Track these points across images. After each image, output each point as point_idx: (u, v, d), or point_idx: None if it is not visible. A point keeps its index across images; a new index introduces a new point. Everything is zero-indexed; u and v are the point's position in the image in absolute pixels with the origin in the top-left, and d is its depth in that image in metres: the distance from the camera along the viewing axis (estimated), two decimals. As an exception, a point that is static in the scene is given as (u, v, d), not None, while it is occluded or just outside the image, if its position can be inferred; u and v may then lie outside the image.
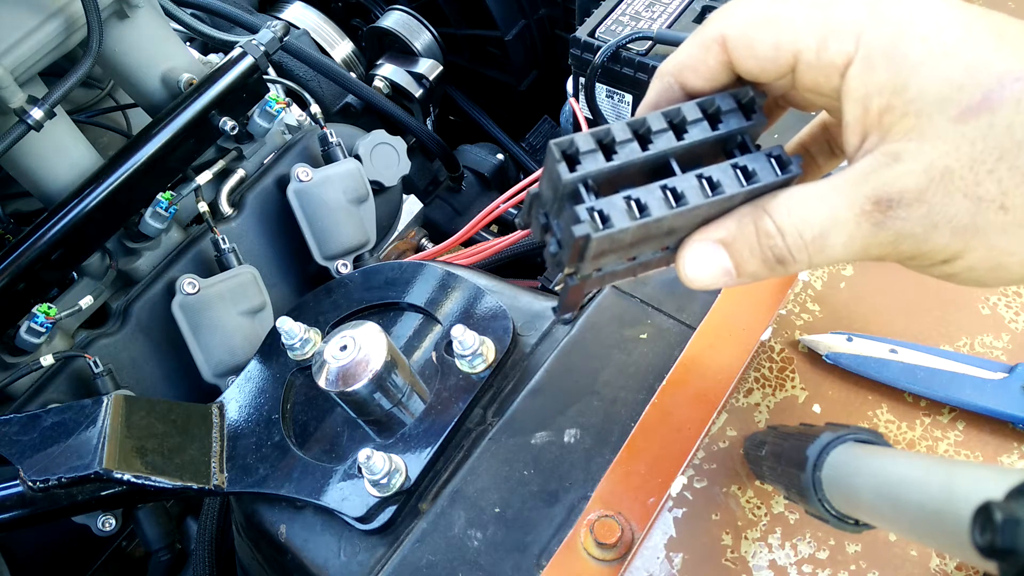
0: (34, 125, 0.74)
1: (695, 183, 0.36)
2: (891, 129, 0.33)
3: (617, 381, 0.59)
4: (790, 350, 0.58)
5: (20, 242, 0.77)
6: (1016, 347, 0.56)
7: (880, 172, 0.33)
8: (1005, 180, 0.31)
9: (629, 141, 0.36)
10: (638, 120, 0.36)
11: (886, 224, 0.33)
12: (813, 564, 0.49)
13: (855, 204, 0.33)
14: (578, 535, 0.50)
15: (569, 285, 0.40)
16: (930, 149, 0.32)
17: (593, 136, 0.35)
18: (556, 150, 0.35)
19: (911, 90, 0.32)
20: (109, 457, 0.56)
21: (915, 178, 0.32)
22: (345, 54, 1.30)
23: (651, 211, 0.35)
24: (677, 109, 0.37)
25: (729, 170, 0.36)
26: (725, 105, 0.37)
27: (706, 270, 0.37)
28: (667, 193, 0.35)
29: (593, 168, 0.35)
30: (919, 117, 0.32)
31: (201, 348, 0.84)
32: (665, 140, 0.36)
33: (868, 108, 0.33)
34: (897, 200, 0.32)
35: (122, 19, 0.85)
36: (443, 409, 0.60)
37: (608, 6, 0.97)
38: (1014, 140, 0.31)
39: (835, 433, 0.40)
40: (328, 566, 0.57)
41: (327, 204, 0.92)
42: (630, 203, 0.35)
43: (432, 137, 1.25)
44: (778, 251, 0.35)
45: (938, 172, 0.32)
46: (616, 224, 0.35)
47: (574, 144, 0.35)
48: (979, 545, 0.27)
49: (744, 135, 0.37)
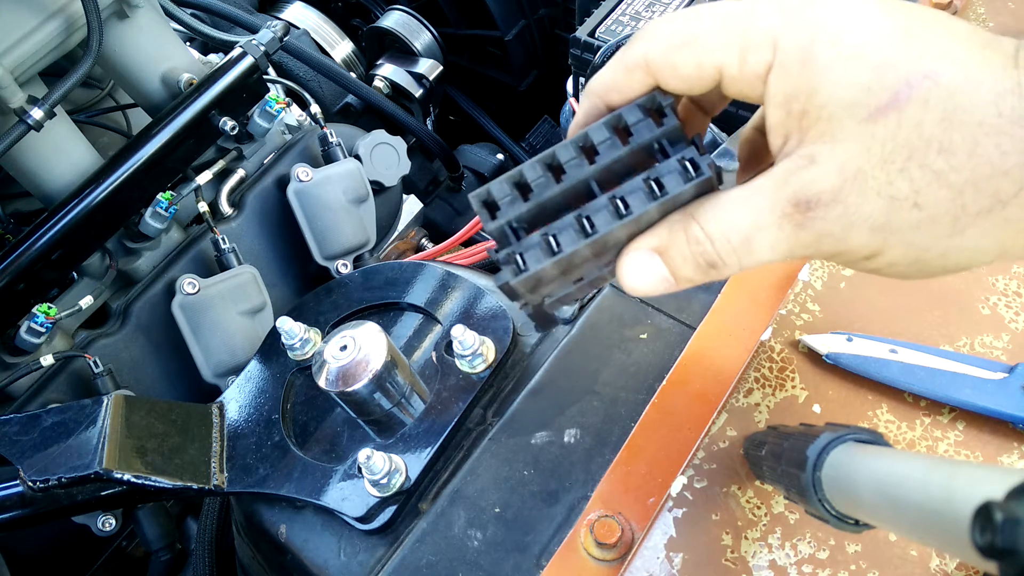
0: (34, 125, 0.74)
1: (608, 206, 0.36)
2: (808, 132, 0.33)
3: (617, 381, 0.59)
4: (790, 350, 0.58)
5: (20, 242, 0.77)
6: (1016, 347, 0.57)
7: (798, 174, 0.33)
8: (917, 179, 0.31)
9: (542, 177, 0.37)
10: (548, 154, 0.37)
11: (806, 225, 0.34)
12: (813, 564, 0.49)
13: (776, 207, 0.34)
14: (578, 535, 0.50)
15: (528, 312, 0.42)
16: (842, 151, 0.32)
17: (508, 181, 0.37)
18: (475, 203, 0.37)
19: (821, 95, 0.32)
20: (109, 457, 0.56)
21: (830, 179, 0.32)
22: (345, 54, 1.30)
23: (564, 247, 0.36)
24: (584, 134, 0.37)
25: (641, 186, 0.36)
26: (632, 117, 0.37)
27: (644, 278, 0.38)
28: (583, 222, 0.36)
29: (512, 213, 0.37)
30: (830, 121, 0.32)
31: (201, 348, 0.84)
32: (577, 168, 0.37)
33: (789, 112, 0.34)
34: (815, 201, 0.33)
35: (122, 19, 0.85)
36: (443, 409, 0.60)
37: (608, 6, 0.97)
38: (923, 139, 0.31)
39: (835, 433, 0.40)
40: (328, 566, 0.57)
41: (327, 204, 0.92)
42: (549, 239, 0.36)
43: (432, 137, 1.25)
44: (708, 256, 0.36)
45: (851, 173, 0.32)
46: (532, 267, 0.36)
47: (491, 193, 0.37)
48: (979, 545, 0.27)
49: (660, 141, 0.37)
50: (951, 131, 0.31)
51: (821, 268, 0.62)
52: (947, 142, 0.31)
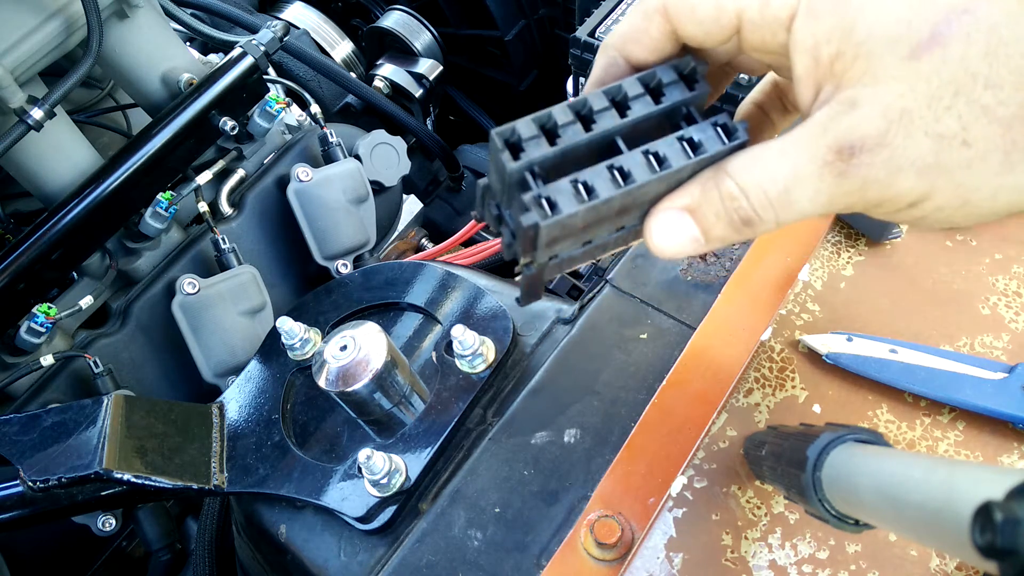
0: (34, 125, 0.74)
1: (642, 160, 0.35)
2: (844, 76, 0.32)
3: (617, 381, 0.59)
4: (790, 350, 0.58)
5: (20, 242, 0.77)
6: (1016, 347, 0.56)
7: (838, 120, 0.32)
8: (964, 115, 0.31)
9: (572, 123, 0.35)
10: (579, 101, 0.36)
11: (850, 172, 0.32)
12: (813, 564, 0.49)
13: (817, 156, 0.33)
14: (578, 535, 0.50)
15: (527, 275, 0.40)
16: (885, 91, 0.31)
17: (535, 121, 0.35)
18: (498, 139, 0.35)
19: (859, 32, 0.31)
20: (109, 457, 0.56)
21: (874, 122, 0.31)
22: (345, 54, 1.30)
23: (599, 193, 0.34)
24: (619, 86, 0.36)
25: (675, 144, 0.35)
26: (666, 77, 0.36)
27: (673, 238, 0.37)
28: (614, 172, 0.35)
29: (537, 154, 0.35)
30: (870, 59, 0.31)
31: (201, 348, 0.84)
32: (608, 119, 0.36)
33: (818, 58, 0.33)
34: (859, 146, 0.32)
35: (122, 19, 0.85)
36: (443, 409, 0.60)
37: (608, 6, 0.97)
38: (968, 73, 0.30)
39: (835, 433, 0.40)
40: (328, 566, 0.57)
41: (327, 204, 0.92)
42: (577, 186, 0.34)
43: (432, 137, 1.25)
44: (743, 212, 0.35)
45: (896, 113, 0.31)
46: (564, 209, 0.34)
47: (516, 131, 0.35)
48: (979, 545, 0.27)
49: (688, 106, 0.36)
50: (996, 65, 0.30)
51: (821, 268, 0.62)
52: (993, 76, 0.30)
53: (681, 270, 0.64)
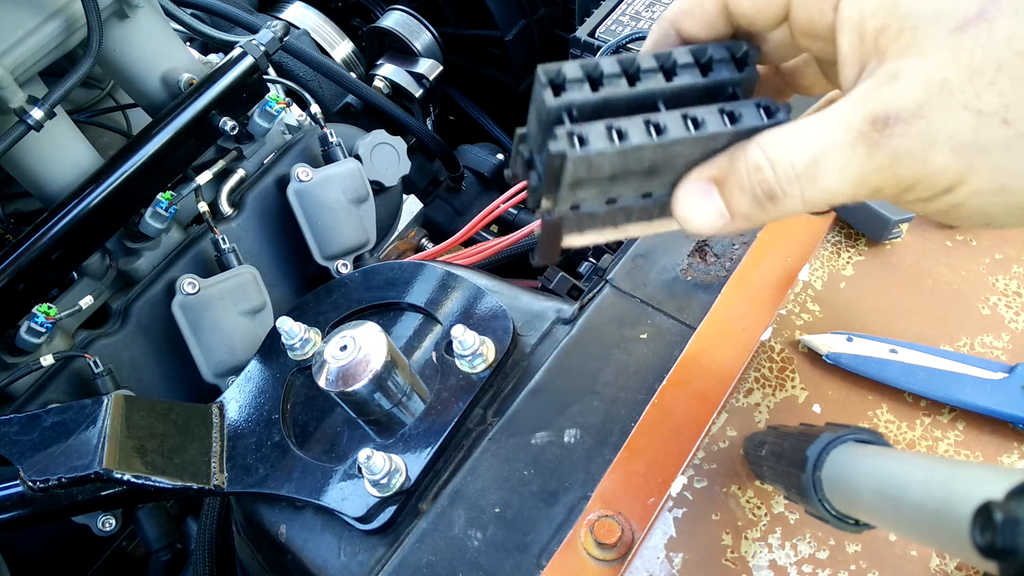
0: (34, 125, 0.74)
1: (679, 119, 0.35)
2: (888, 50, 0.32)
3: (617, 381, 0.59)
4: (790, 350, 0.58)
5: (20, 242, 0.77)
6: (1016, 347, 0.57)
7: (877, 92, 0.32)
8: (1007, 92, 0.30)
9: (618, 76, 0.35)
10: (628, 57, 0.36)
11: (882, 144, 0.32)
12: (813, 564, 0.49)
13: (851, 127, 0.32)
14: (578, 535, 0.50)
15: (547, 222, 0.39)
16: (927, 63, 0.31)
17: (582, 67, 0.35)
18: (543, 75, 0.35)
19: (905, 5, 0.31)
20: (109, 457, 0.56)
21: (913, 93, 0.31)
22: (345, 54, 1.30)
23: (631, 139, 0.34)
24: (669, 53, 0.36)
25: (715, 111, 0.35)
26: (718, 55, 0.36)
27: (699, 211, 0.36)
28: (649, 126, 0.35)
29: (578, 97, 0.35)
30: (915, 33, 0.31)
31: (201, 348, 0.84)
32: (654, 80, 0.36)
33: (864, 34, 0.32)
34: (895, 117, 0.31)
35: (122, 19, 0.85)
36: (443, 409, 0.60)
37: (608, 6, 0.97)
38: (1013, 50, 0.30)
39: (835, 433, 0.40)
40: (328, 566, 0.57)
41: (327, 204, 0.92)
42: (611, 130, 0.34)
43: (432, 137, 1.25)
44: (767, 185, 0.34)
45: (936, 85, 0.31)
46: (594, 145, 0.34)
47: (562, 72, 0.35)
48: (979, 545, 0.27)
49: (735, 87, 0.37)
50: None
51: (821, 268, 0.62)
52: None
53: (681, 270, 0.64)
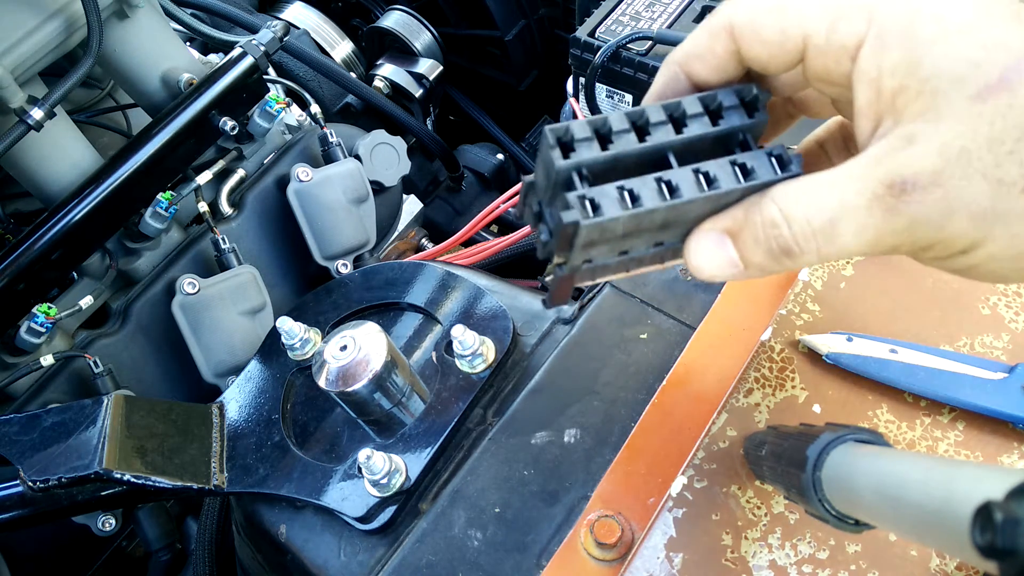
0: (34, 125, 0.74)
1: (691, 177, 0.35)
2: (905, 110, 0.31)
3: (617, 381, 0.59)
4: (790, 350, 0.58)
5: (20, 242, 0.77)
6: (1016, 347, 0.56)
7: (894, 155, 0.31)
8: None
9: (626, 132, 0.35)
10: (637, 111, 0.36)
11: (900, 209, 0.31)
12: (813, 564, 0.49)
13: (867, 189, 0.32)
14: (578, 535, 0.50)
15: (558, 276, 0.39)
16: (946, 129, 0.30)
17: (590, 124, 0.35)
18: (551, 136, 0.34)
19: (925, 68, 0.30)
20: (109, 457, 0.56)
21: (931, 159, 0.30)
22: (345, 54, 1.30)
23: (644, 202, 0.34)
24: (678, 103, 0.36)
25: (727, 166, 0.35)
26: (727, 101, 0.36)
27: (712, 260, 0.36)
28: (661, 185, 0.35)
29: (588, 156, 0.35)
30: (934, 96, 0.30)
31: (201, 348, 0.84)
32: (663, 133, 0.36)
33: (881, 90, 0.32)
34: (912, 183, 0.31)
35: (122, 19, 0.85)
36: (443, 409, 0.60)
37: (608, 6, 0.97)
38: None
39: (835, 433, 0.40)
40: (328, 566, 0.57)
41: (327, 204, 0.92)
42: (623, 193, 0.34)
43: (432, 137, 1.25)
44: (783, 241, 0.34)
45: (954, 153, 0.30)
46: (607, 213, 0.34)
47: (569, 131, 0.34)
48: (979, 545, 0.27)
49: (745, 133, 0.36)
50: None
51: (821, 268, 0.62)
52: None
53: (681, 270, 0.64)
